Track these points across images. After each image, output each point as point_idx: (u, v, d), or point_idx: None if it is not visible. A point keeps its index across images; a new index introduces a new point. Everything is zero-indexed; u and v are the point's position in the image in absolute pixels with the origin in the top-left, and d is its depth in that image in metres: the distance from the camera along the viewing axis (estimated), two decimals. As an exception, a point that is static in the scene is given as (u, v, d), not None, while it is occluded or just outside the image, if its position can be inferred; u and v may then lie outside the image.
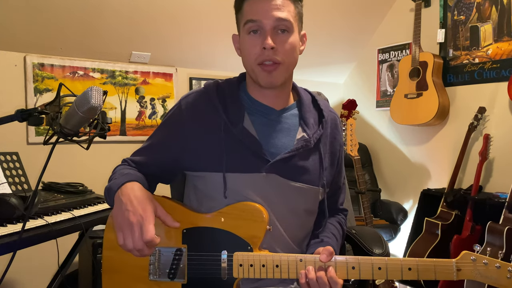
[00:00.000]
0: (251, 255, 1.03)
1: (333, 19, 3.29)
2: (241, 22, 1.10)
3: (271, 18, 1.05)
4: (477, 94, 2.86)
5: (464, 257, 0.98)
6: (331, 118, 1.22)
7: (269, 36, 1.05)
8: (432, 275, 0.99)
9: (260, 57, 1.06)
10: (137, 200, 1.01)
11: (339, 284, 0.99)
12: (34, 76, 2.51)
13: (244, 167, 1.09)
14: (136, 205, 0.99)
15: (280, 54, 1.07)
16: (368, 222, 2.53)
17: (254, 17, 1.06)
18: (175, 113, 1.17)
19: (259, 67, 1.08)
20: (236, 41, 1.17)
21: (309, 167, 1.13)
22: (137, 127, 2.90)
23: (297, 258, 1.02)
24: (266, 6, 1.05)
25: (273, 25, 1.05)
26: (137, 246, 0.96)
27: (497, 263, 0.96)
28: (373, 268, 1.00)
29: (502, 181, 2.65)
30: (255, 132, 1.11)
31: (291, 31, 1.08)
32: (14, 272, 2.35)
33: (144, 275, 1.10)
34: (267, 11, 1.05)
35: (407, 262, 0.99)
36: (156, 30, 2.75)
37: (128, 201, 1.00)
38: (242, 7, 1.10)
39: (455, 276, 0.98)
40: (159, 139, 1.18)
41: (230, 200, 1.08)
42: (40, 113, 1.15)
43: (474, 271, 0.97)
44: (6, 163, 1.78)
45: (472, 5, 2.89)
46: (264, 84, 1.10)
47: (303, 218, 1.16)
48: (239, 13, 1.12)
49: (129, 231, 0.97)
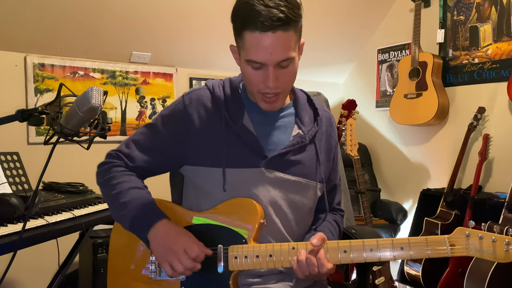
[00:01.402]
0: (245, 247, 1.05)
1: (333, 20, 3.29)
2: (241, 51, 1.06)
3: (273, 60, 1.02)
4: (477, 94, 2.86)
5: (458, 232, 0.97)
6: (325, 117, 1.26)
7: (271, 76, 1.03)
8: (425, 252, 0.97)
9: (263, 90, 1.07)
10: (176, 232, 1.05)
11: (326, 266, 0.99)
12: (34, 76, 2.51)
13: (242, 162, 1.11)
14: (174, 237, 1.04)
15: (282, 85, 1.08)
16: (367, 222, 2.53)
17: (256, 59, 1.02)
18: (178, 108, 1.18)
19: (260, 95, 1.09)
20: (234, 51, 1.12)
21: (306, 162, 1.16)
22: (137, 127, 2.90)
23: (290, 247, 1.04)
24: (271, 46, 1.00)
25: (275, 64, 1.03)
26: (188, 266, 1.00)
27: (492, 236, 0.94)
28: (365, 250, 1.00)
29: (502, 181, 2.65)
30: (253, 129, 1.14)
31: (293, 61, 1.06)
32: (14, 272, 2.35)
33: (145, 275, 1.11)
34: (273, 53, 1.01)
35: (399, 241, 0.99)
36: (156, 30, 2.75)
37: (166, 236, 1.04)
38: (243, 36, 1.03)
39: (448, 252, 0.96)
40: (159, 133, 1.17)
41: (228, 194, 1.10)
42: (40, 113, 1.16)
43: (468, 246, 0.95)
44: (7, 163, 1.78)
45: (471, 5, 2.90)
46: (265, 109, 1.13)
47: (301, 213, 1.18)
48: (239, 39, 1.05)
49: (175, 257, 1.01)
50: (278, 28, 0.98)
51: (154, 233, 1.04)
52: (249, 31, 1.00)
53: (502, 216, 2.30)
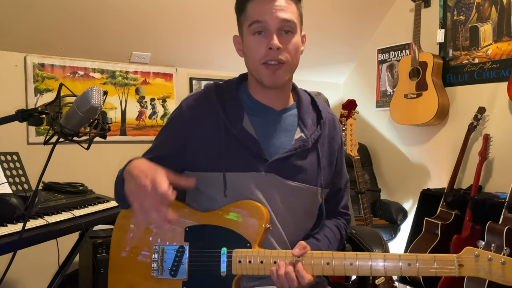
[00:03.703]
0: (250, 251, 1.04)
1: (333, 19, 3.29)
2: (245, 23, 1.11)
3: (276, 19, 1.06)
4: (477, 94, 2.86)
5: (467, 252, 0.95)
6: (329, 119, 1.24)
7: (275, 36, 1.06)
8: (432, 271, 0.95)
9: (265, 57, 1.08)
10: (147, 167, 1.01)
11: (306, 278, 0.99)
12: (34, 76, 2.51)
13: (243, 166, 1.10)
14: (146, 171, 0.98)
15: (285, 54, 1.08)
16: (368, 222, 2.53)
17: (259, 18, 1.07)
18: (177, 115, 1.19)
19: (263, 66, 1.09)
20: (237, 42, 1.18)
21: (307, 167, 1.14)
22: (137, 127, 2.90)
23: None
24: (271, 7, 1.06)
25: (278, 26, 1.07)
26: (154, 203, 0.92)
27: (502, 259, 0.91)
28: (371, 267, 0.99)
29: (502, 181, 2.65)
30: (254, 132, 1.13)
31: (295, 32, 1.10)
32: (14, 272, 2.35)
33: (147, 272, 1.11)
34: (272, 12, 1.06)
35: (406, 258, 0.97)
36: (156, 30, 2.75)
37: (138, 171, 0.99)
38: (245, 8, 1.10)
39: (456, 272, 0.94)
40: (161, 141, 1.20)
41: (230, 199, 1.09)
42: (40, 113, 1.15)
43: (477, 267, 0.93)
44: (7, 163, 1.78)
45: (471, 5, 2.89)
46: (268, 84, 1.11)
47: (301, 218, 1.16)
48: (242, 15, 1.12)
49: (143, 192, 0.94)
50: None
51: (128, 170, 1.03)
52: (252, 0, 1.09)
53: (502, 216, 2.29)
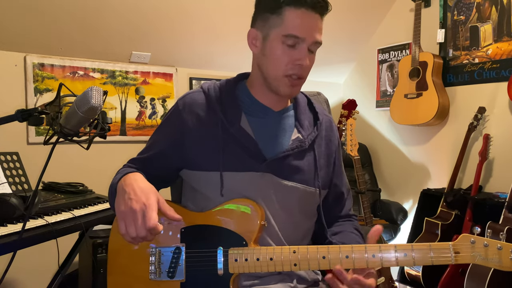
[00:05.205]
0: (246, 249, 1.04)
1: (333, 19, 3.27)
2: (278, 28, 1.07)
3: (313, 39, 1.07)
4: (477, 94, 2.86)
5: (462, 239, 0.94)
6: (325, 121, 1.24)
7: (307, 54, 1.08)
8: (428, 259, 0.95)
9: (291, 70, 1.08)
10: (140, 189, 1.01)
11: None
12: (34, 76, 2.51)
13: (240, 166, 1.10)
14: (139, 194, 0.99)
15: (307, 71, 1.11)
16: (368, 222, 2.52)
17: (300, 35, 1.05)
18: (173, 114, 1.19)
19: (286, 78, 1.09)
20: (253, 37, 1.13)
21: (304, 167, 1.15)
22: (137, 127, 2.90)
23: (291, 250, 1.03)
24: (312, 26, 1.06)
25: (311, 46, 1.09)
26: (140, 234, 0.96)
27: (498, 244, 0.91)
28: (368, 259, 0.99)
29: (502, 181, 2.65)
30: (251, 132, 1.13)
31: (316, 50, 1.12)
32: (14, 272, 2.35)
33: (145, 275, 1.10)
34: (313, 31, 1.07)
35: (402, 247, 0.97)
36: (156, 30, 2.75)
37: (131, 190, 1.00)
38: (282, 12, 1.05)
39: (452, 259, 0.94)
40: (157, 139, 1.20)
41: (226, 198, 1.09)
42: (40, 113, 1.15)
43: (473, 254, 0.92)
44: (6, 163, 1.78)
45: (472, 5, 2.89)
46: (284, 94, 1.13)
47: (298, 219, 1.16)
48: (275, 16, 1.07)
49: (132, 219, 0.96)
50: (320, 11, 1.07)
51: (122, 185, 1.03)
52: (294, 7, 1.05)
53: (502, 216, 2.30)
